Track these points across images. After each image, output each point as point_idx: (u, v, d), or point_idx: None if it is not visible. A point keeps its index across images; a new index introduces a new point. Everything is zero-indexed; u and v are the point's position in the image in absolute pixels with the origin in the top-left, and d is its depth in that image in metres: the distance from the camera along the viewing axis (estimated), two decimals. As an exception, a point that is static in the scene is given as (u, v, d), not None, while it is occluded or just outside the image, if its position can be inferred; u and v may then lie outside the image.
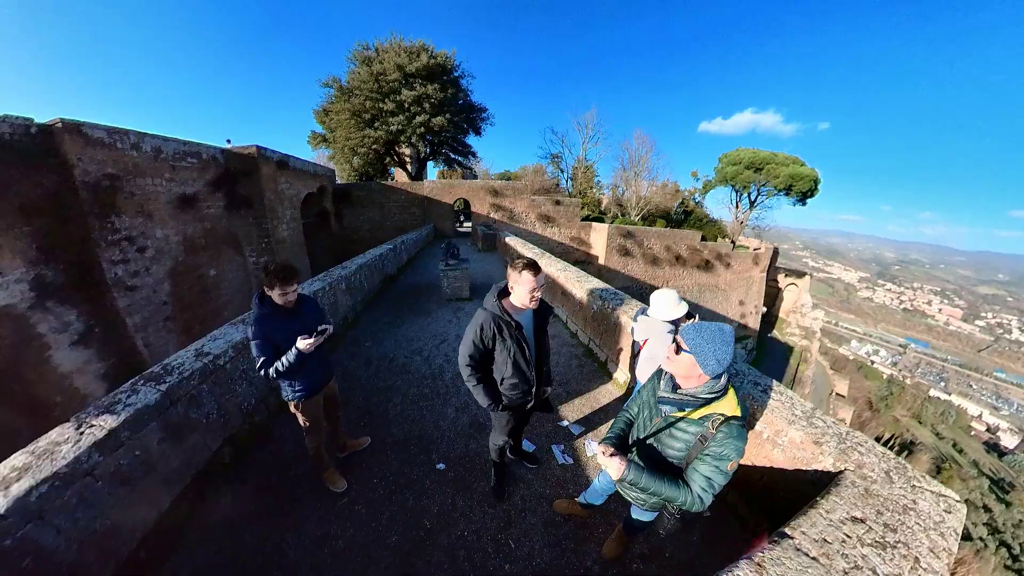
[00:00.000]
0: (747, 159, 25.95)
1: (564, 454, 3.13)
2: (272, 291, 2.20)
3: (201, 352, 2.73)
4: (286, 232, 13.72)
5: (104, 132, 8.13)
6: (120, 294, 8.54)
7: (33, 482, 1.69)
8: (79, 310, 8.05)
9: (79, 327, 7.98)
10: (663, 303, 2.55)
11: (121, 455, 2.01)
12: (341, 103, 21.71)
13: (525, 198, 20.97)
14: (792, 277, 30.09)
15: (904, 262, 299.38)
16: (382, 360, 4.88)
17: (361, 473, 2.84)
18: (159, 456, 2.21)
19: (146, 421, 2.14)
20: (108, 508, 1.95)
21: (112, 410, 2.06)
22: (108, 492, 1.95)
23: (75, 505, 1.82)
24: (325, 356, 2.59)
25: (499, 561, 2.23)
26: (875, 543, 1.49)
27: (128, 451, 2.04)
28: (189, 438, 2.44)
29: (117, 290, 8.49)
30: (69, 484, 1.79)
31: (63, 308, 7.81)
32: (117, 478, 1.99)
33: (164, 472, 2.25)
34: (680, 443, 1.54)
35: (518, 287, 2.05)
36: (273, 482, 2.74)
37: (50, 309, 7.62)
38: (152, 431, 2.18)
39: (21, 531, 1.63)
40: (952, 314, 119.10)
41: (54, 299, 7.68)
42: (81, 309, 8.09)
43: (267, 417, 3.33)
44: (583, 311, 5.34)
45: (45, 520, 1.71)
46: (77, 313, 8.01)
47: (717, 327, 1.44)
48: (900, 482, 1.78)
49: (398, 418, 3.57)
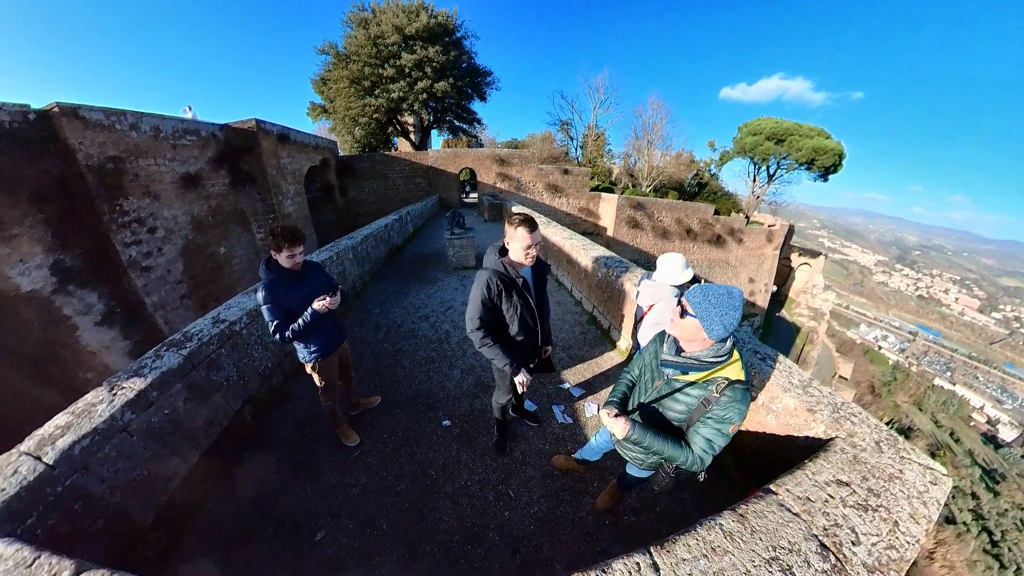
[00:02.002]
0: (768, 129, 24.75)
1: (564, 414, 3.30)
2: (280, 254, 2.32)
3: (217, 319, 2.95)
4: (291, 207, 13.91)
5: (101, 114, 8.22)
6: (136, 274, 8.91)
7: (75, 437, 1.92)
8: (99, 292, 8.45)
9: (101, 308, 8.41)
10: (670, 267, 2.50)
11: (152, 413, 2.24)
12: (339, 71, 21.26)
13: (532, 167, 20.65)
14: (806, 257, 29.38)
15: (926, 247, 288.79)
16: (390, 326, 5.11)
17: (372, 429, 3.09)
18: (186, 415, 2.45)
19: (171, 383, 2.37)
20: (144, 461, 2.20)
21: (140, 373, 2.28)
22: (143, 447, 2.20)
23: (115, 457, 2.06)
24: (337, 319, 2.75)
25: (499, 508, 2.45)
26: (857, 505, 1.57)
27: (158, 410, 2.27)
28: (212, 399, 2.68)
29: (133, 271, 8.85)
30: (108, 439, 2.03)
31: (84, 291, 8.20)
32: (150, 434, 2.23)
33: (191, 429, 2.49)
34: (682, 406, 1.56)
35: (514, 243, 2.09)
36: (292, 438, 3.00)
37: (72, 292, 8.02)
38: (178, 392, 2.41)
39: (70, 480, 1.87)
40: (969, 304, 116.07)
41: (74, 283, 8.06)
42: (101, 291, 8.49)
43: (283, 380, 3.59)
44: (588, 279, 5.42)
45: (90, 471, 1.95)
46: (98, 295, 8.42)
47: (725, 290, 1.41)
48: (889, 452, 1.83)
49: (406, 379, 3.81)
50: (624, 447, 1.87)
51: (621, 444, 1.88)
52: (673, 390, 1.59)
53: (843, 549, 1.40)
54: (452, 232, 8.34)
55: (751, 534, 1.44)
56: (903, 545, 1.42)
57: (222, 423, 2.74)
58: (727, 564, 1.33)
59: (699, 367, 1.50)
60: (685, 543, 1.40)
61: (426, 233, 12.92)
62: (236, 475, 2.65)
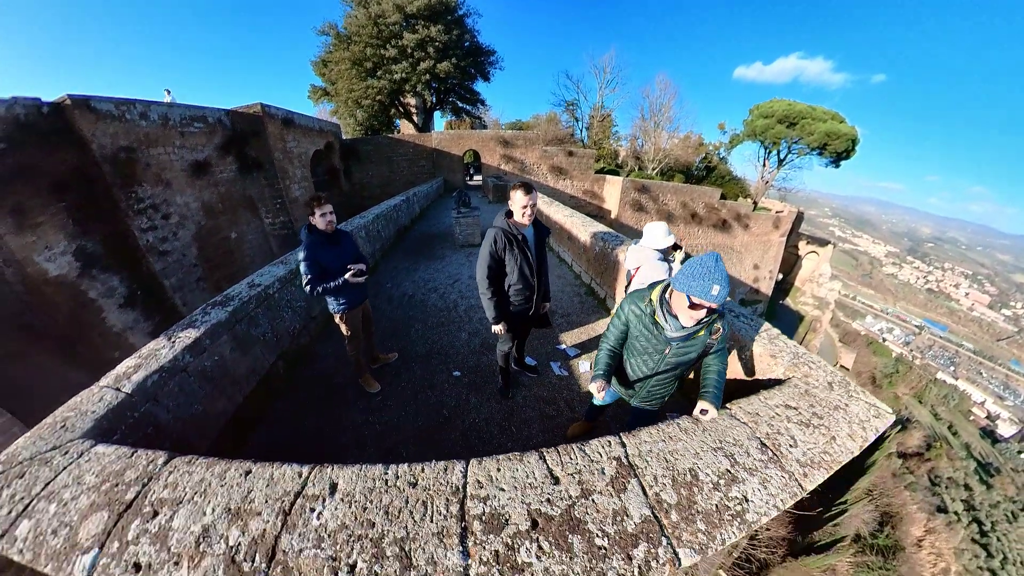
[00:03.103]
0: (781, 112, 24.18)
1: (561, 368, 3.74)
2: (315, 216, 2.80)
3: (252, 284, 3.37)
4: (298, 192, 14.30)
5: (112, 104, 8.53)
6: (154, 258, 9.41)
7: (147, 372, 2.34)
8: (120, 276, 8.97)
9: (123, 291, 8.94)
10: (654, 233, 2.89)
11: (205, 359, 2.67)
12: (340, 52, 21.26)
13: (537, 148, 20.74)
14: (814, 245, 29.03)
15: (940, 240, 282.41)
16: (402, 298, 5.55)
17: (391, 379, 3.53)
18: (232, 362, 2.89)
19: (220, 333, 2.79)
20: (200, 398, 2.63)
21: (193, 325, 2.70)
22: (199, 386, 2.63)
23: (177, 393, 2.49)
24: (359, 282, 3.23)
25: (503, 440, 2.89)
26: (800, 423, 1.83)
27: (209, 356, 2.70)
28: (252, 350, 3.11)
29: (151, 255, 9.35)
30: (172, 376, 2.45)
31: (106, 275, 8.72)
32: (204, 376, 2.66)
33: (236, 375, 2.93)
34: (693, 352, 1.93)
35: (514, 205, 2.57)
36: (319, 388, 3.45)
37: (96, 276, 8.53)
38: (224, 342, 2.83)
39: (144, 407, 2.30)
40: (979, 300, 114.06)
41: (97, 267, 8.56)
42: (122, 275, 9.00)
43: (310, 341, 4.07)
44: (586, 253, 5.78)
45: (159, 402, 2.38)
46: (119, 279, 8.93)
47: (698, 261, 1.64)
48: (840, 391, 2.06)
49: (419, 340, 4.26)
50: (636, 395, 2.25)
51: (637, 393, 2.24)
52: (683, 346, 1.94)
53: (781, 448, 1.72)
54: (458, 211, 8.67)
55: (703, 431, 1.81)
56: (837, 452, 1.72)
57: (260, 372, 3.19)
58: (680, 447, 1.71)
59: (702, 326, 1.84)
60: (648, 432, 1.79)
61: (432, 214, 13.27)
62: (274, 415, 3.10)
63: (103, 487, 1.54)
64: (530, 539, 1.32)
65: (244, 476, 1.53)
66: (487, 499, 1.43)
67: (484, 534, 1.32)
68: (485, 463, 1.56)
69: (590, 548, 1.32)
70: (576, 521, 1.39)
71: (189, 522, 1.37)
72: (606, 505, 1.46)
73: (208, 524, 1.36)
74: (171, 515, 1.40)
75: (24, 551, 1.35)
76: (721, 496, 1.51)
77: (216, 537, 1.32)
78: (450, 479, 1.49)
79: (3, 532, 1.41)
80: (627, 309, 2.03)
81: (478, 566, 1.24)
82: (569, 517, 1.40)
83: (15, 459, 1.72)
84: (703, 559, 1.38)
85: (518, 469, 1.55)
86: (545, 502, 1.44)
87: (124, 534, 1.36)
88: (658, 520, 1.43)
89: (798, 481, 1.59)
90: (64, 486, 1.56)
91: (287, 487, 1.46)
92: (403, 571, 1.21)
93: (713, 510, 1.46)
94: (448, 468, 1.53)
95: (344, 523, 1.34)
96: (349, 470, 1.52)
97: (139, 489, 1.52)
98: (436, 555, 1.25)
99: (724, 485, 1.55)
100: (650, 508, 1.47)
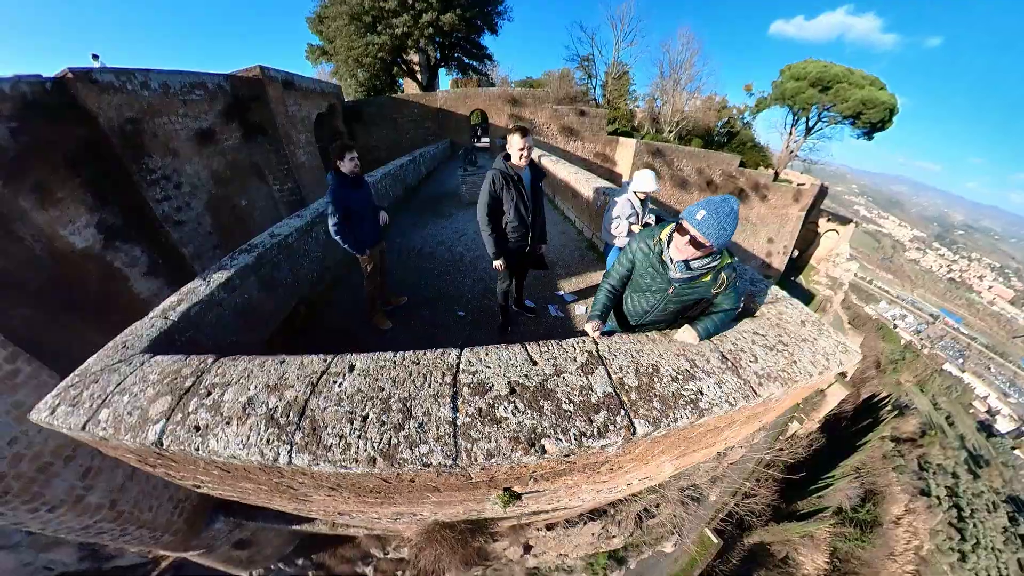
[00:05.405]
0: (815, 74, 22.38)
1: (557, 310, 4.16)
2: (342, 162, 3.24)
3: (273, 234, 3.80)
4: (304, 157, 14.64)
5: (112, 75, 8.76)
6: (171, 228, 10.01)
7: (189, 304, 2.79)
8: (141, 246, 9.61)
9: (146, 260, 9.60)
10: (644, 177, 3.38)
11: (236, 296, 3.13)
12: (337, 6, 20.68)
13: (547, 108, 20.36)
14: (835, 223, 27.69)
15: (972, 228, 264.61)
16: (411, 251, 6.01)
17: (402, 319, 4.03)
18: (259, 301, 3.35)
19: (248, 275, 3.24)
20: (235, 330, 3.10)
21: (223, 267, 3.15)
22: (231, 320, 3.09)
23: (215, 324, 2.95)
24: (376, 222, 3.72)
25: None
26: (765, 346, 2.04)
27: (240, 294, 3.16)
28: (276, 292, 3.58)
29: (168, 224, 9.94)
30: (209, 309, 2.91)
31: (129, 245, 9.34)
32: (236, 311, 3.12)
33: (263, 313, 3.41)
34: (697, 293, 2.05)
35: (511, 148, 2.90)
36: (336, 328, 3.96)
37: (119, 247, 9.16)
38: (252, 284, 3.29)
39: (188, 334, 2.77)
40: (1002, 294, 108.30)
41: (119, 238, 9.17)
42: (143, 245, 9.64)
43: (326, 289, 4.57)
44: (588, 208, 6.06)
45: (200, 330, 2.85)
46: (140, 249, 9.58)
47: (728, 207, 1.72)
48: (811, 327, 2.22)
49: (428, 287, 4.73)
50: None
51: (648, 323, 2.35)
52: (686, 287, 2.05)
53: (741, 362, 1.97)
54: (465, 170, 8.93)
55: (669, 343, 2.13)
56: (796, 372, 1.92)
57: (283, 313, 3.67)
58: (647, 350, 2.06)
59: (706, 269, 1.95)
60: (620, 338, 2.15)
61: (439, 176, 13.54)
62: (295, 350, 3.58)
63: (165, 380, 1.99)
64: (508, 401, 1.73)
65: (279, 364, 1.98)
66: (475, 373, 1.84)
67: (471, 396, 1.73)
68: (476, 350, 1.97)
69: (558, 411, 1.71)
70: (548, 391, 1.79)
71: (237, 396, 1.82)
72: (575, 382, 1.85)
73: (252, 396, 1.81)
74: (222, 393, 1.85)
75: (106, 429, 1.79)
76: (678, 387, 1.84)
77: (259, 404, 1.77)
78: (447, 359, 1.91)
79: (88, 419, 1.85)
80: (635, 247, 2.12)
81: (464, 417, 1.65)
82: (542, 388, 1.80)
83: (89, 371, 2.18)
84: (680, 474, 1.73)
85: (503, 354, 1.96)
86: (523, 376, 1.84)
87: (185, 408, 1.80)
88: (619, 397, 1.80)
89: (752, 387, 1.83)
90: (133, 383, 2.01)
91: (315, 368, 1.91)
92: (404, 420, 1.64)
93: (669, 396, 1.79)
94: (445, 352, 1.95)
95: (360, 388, 1.77)
96: (365, 356, 1.95)
97: (195, 379, 1.98)
98: (431, 410, 1.67)
99: (682, 379, 1.87)
100: (613, 388, 1.84)
